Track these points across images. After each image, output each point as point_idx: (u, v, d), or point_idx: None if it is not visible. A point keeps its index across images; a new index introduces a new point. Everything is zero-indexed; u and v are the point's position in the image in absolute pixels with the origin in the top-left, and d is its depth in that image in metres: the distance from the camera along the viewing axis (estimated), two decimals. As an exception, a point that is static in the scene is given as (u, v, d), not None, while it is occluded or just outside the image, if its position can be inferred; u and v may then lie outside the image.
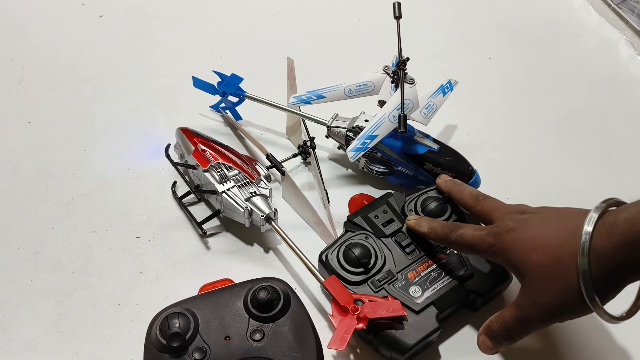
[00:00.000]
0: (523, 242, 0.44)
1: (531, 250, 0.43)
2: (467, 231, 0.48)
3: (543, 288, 0.42)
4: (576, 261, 0.40)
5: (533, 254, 0.43)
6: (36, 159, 0.67)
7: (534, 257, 0.43)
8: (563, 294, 0.41)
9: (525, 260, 0.43)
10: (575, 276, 0.40)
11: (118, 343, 0.52)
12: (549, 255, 0.42)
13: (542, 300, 0.43)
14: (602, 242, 0.39)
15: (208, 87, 0.69)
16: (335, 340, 0.46)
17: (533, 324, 0.44)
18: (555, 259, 0.42)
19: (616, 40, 0.84)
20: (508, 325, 0.45)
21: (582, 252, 0.40)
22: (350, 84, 0.61)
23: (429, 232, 0.51)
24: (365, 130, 0.57)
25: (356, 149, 0.56)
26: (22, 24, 0.84)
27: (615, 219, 0.40)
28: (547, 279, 0.42)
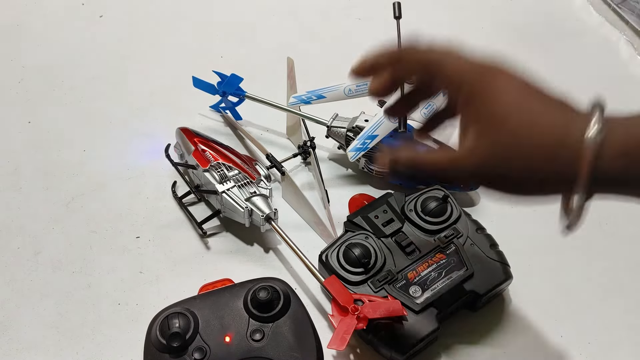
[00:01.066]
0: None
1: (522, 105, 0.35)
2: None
3: (517, 143, 0.35)
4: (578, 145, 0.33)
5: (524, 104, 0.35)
6: (36, 159, 0.67)
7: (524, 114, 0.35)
8: (543, 171, 0.34)
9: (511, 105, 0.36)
10: (567, 166, 0.34)
11: (118, 343, 0.52)
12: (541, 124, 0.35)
13: (497, 155, 0.35)
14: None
15: (208, 87, 0.69)
16: (335, 340, 0.46)
17: (462, 175, 0.38)
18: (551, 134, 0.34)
19: (616, 40, 0.84)
20: (426, 162, 0.38)
21: (593, 154, 0.33)
22: (350, 84, 0.61)
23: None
24: (365, 130, 0.57)
25: (356, 149, 0.56)
26: (22, 24, 0.84)
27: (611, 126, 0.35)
28: (531, 136, 0.35)
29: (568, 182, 0.34)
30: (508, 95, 0.36)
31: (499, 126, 0.35)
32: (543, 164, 0.35)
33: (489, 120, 0.36)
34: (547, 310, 0.55)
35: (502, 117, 0.35)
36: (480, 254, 0.53)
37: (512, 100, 0.36)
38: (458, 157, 0.37)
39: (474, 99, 0.37)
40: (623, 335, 0.54)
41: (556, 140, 0.34)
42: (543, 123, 0.35)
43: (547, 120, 0.35)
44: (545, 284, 0.57)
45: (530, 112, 0.35)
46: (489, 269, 0.52)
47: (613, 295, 0.57)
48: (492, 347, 0.52)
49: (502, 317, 0.54)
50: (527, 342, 0.53)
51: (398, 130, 0.55)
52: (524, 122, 0.35)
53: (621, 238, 0.61)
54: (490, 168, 0.36)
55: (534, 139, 0.35)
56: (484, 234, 0.55)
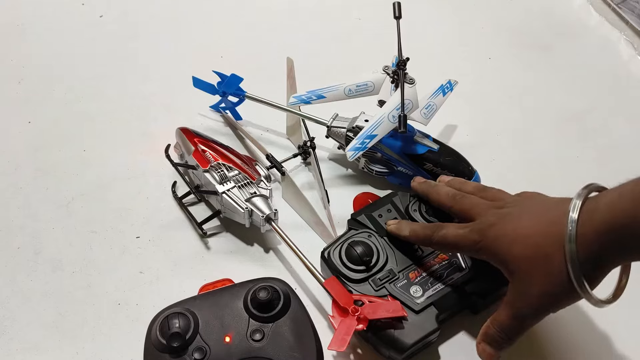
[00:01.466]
0: (505, 235, 0.44)
1: (514, 243, 0.43)
2: (450, 230, 0.48)
3: (529, 280, 0.42)
4: (560, 249, 0.40)
5: (515, 246, 0.43)
6: (36, 159, 0.67)
7: (517, 249, 0.43)
8: (550, 283, 0.41)
9: (509, 253, 0.43)
10: (560, 264, 0.40)
11: (118, 343, 0.52)
12: (532, 245, 0.42)
13: (531, 292, 0.42)
14: (584, 228, 0.40)
15: (208, 87, 0.69)
16: (335, 341, 0.46)
17: (527, 319, 0.44)
18: (539, 249, 0.42)
19: (616, 40, 0.84)
20: (504, 326, 0.45)
21: (569, 239, 0.40)
22: (350, 84, 0.61)
23: (410, 235, 0.51)
24: (365, 129, 0.57)
25: (355, 149, 0.56)
26: (22, 24, 0.84)
27: (596, 205, 0.40)
28: (532, 270, 0.42)
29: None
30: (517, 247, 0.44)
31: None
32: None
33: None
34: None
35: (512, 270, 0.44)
36: None
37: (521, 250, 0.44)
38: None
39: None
40: (623, 335, 0.54)
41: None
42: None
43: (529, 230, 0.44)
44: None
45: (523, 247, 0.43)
46: (492, 271, 0.52)
47: (613, 296, 0.56)
48: (492, 347, 0.52)
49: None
50: (527, 343, 0.53)
51: (398, 130, 0.55)
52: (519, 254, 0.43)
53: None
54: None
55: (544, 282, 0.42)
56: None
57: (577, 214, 0.40)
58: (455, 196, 0.51)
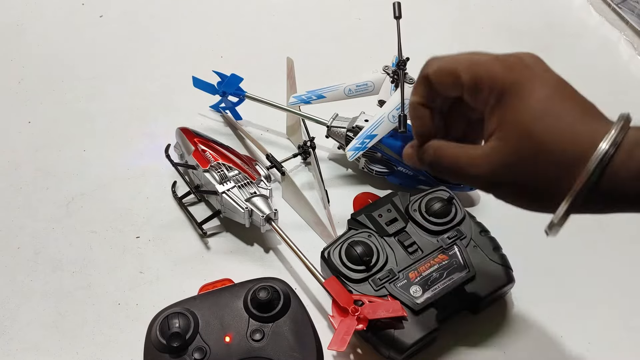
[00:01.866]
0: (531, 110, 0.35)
1: (539, 119, 0.34)
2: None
3: (519, 154, 0.34)
4: (582, 162, 0.33)
5: (540, 123, 0.34)
6: (36, 159, 0.67)
7: (540, 126, 0.34)
8: (544, 177, 0.34)
9: (530, 123, 0.34)
10: (567, 171, 0.33)
11: (118, 343, 0.52)
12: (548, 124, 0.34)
13: (504, 161, 0.35)
14: (617, 165, 0.32)
15: (208, 87, 0.69)
16: (335, 341, 0.46)
17: (463, 173, 0.37)
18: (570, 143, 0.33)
19: (616, 40, 0.84)
20: (433, 158, 0.38)
21: (594, 166, 0.32)
22: (350, 84, 0.61)
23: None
24: (365, 129, 0.57)
25: (355, 149, 0.56)
26: (22, 24, 0.84)
27: (637, 140, 0.33)
28: (538, 154, 0.34)
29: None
30: (537, 100, 0.35)
31: (522, 134, 0.34)
32: (564, 178, 0.33)
33: (515, 125, 0.35)
34: (547, 311, 0.55)
35: (528, 123, 0.34)
36: (483, 256, 0.53)
37: (540, 106, 0.35)
38: (476, 158, 0.36)
39: (501, 100, 0.35)
40: (623, 335, 0.54)
41: (578, 154, 0.33)
42: (569, 134, 0.34)
43: (574, 131, 0.34)
44: (545, 284, 0.57)
45: (558, 120, 0.34)
46: (491, 271, 0.52)
47: (613, 296, 0.57)
48: (492, 348, 0.52)
49: (502, 319, 0.54)
50: (527, 343, 0.53)
51: (398, 130, 0.55)
52: (550, 131, 0.34)
53: (621, 238, 0.61)
54: (506, 175, 0.35)
55: (558, 151, 0.33)
56: (487, 236, 0.54)
57: (614, 149, 0.32)
58: (471, 65, 0.38)
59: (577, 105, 0.35)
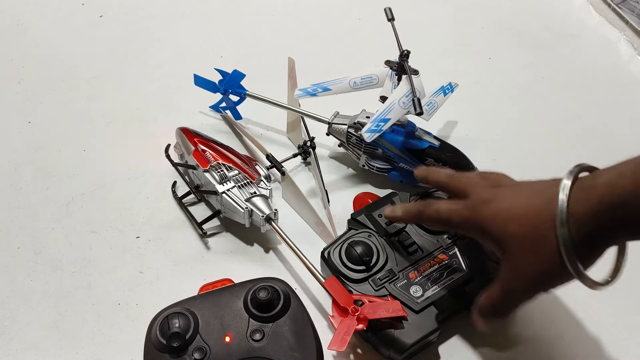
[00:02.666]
0: (499, 213, 0.43)
1: (508, 221, 0.42)
2: (442, 205, 0.47)
3: (523, 258, 0.42)
4: (553, 228, 0.39)
5: (510, 225, 0.42)
6: (36, 159, 0.67)
7: (511, 228, 0.42)
8: (544, 263, 0.41)
9: (503, 232, 0.42)
10: (554, 243, 0.40)
11: (118, 343, 0.52)
12: (526, 225, 0.41)
13: (523, 271, 0.42)
14: (579, 207, 0.39)
15: (209, 85, 0.69)
16: (335, 341, 0.46)
17: (518, 296, 0.43)
18: (533, 228, 0.41)
19: (616, 40, 0.84)
20: (495, 301, 0.44)
21: (560, 220, 0.39)
22: (355, 76, 0.61)
23: (403, 215, 0.51)
24: (378, 114, 0.57)
25: (371, 131, 0.56)
26: (22, 24, 0.84)
27: (593, 183, 0.39)
28: (526, 248, 0.41)
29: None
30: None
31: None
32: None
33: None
34: (547, 311, 0.55)
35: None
36: (483, 256, 0.53)
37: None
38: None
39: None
40: (623, 335, 0.54)
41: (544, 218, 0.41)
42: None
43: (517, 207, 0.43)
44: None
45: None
46: (491, 272, 0.52)
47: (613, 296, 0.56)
48: (492, 348, 0.52)
49: (503, 318, 0.54)
50: (527, 343, 0.53)
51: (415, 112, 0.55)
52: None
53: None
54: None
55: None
56: (486, 235, 0.54)
57: (568, 194, 0.39)
58: (454, 175, 0.50)
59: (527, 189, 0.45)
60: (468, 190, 0.47)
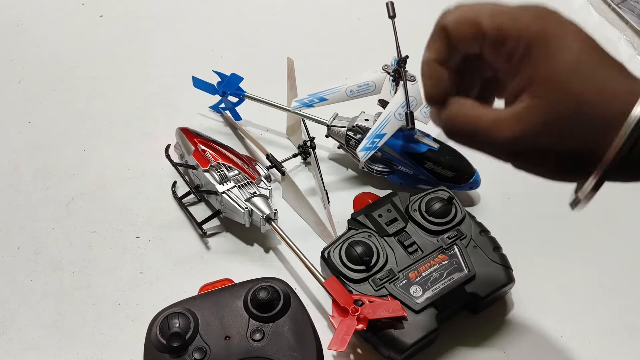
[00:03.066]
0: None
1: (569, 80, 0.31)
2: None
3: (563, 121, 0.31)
4: (615, 125, 0.30)
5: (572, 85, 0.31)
6: (36, 159, 0.67)
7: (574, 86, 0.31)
8: (584, 142, 0.31)
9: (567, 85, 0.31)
10: (601, 139, 0.30)
11: (118, 343, 0.52)
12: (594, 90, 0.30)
13: (552, 125, 0.31)
14: None
15: (208, 87, 0.69)
16: (335, 341, 0.46)
17: (501, 140, 0.34)
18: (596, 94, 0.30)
19: (616, 40, 0.84)
20: (474, 121, 0.35)
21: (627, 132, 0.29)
22: (351, 84, 0.61)
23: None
24: (373, 129, 0.57)
25: (366, 149, 0.56)
26: (22, 24, 0.84)
27: None
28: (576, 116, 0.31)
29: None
30: (571, 52, 0.31)
31: (560, 89, 0.31)
32: (601, 140, 0.31)
33: (548, 80, 0.31)
34: (547, 311, 0.55)
35: (564, 77, 0.31)
36: (483, 256, 0.53)
37: (575, 59, 0.31)
38: (503, 119, 0.33)
39: (531, 54, 0.32)
40: (623, 335, 0.54)
41: (617, 112, 0.30)
42: (608, 90, 0.30)
43: (613, 88, 0.31)
44: (545, 284, 0.57)
45: (595, 75, 0.31)
46: (491, 271, 0.52)
47: (613, 296, 0.56)
48: (492, 348, 0.52)
49: (502, 319, 0.54)
50: (527, 343, 0.53)
51: (406, 128, 0.55)
52: (589, 87, 0.31)
53: (621, 238, 0.61)
54: (538, 137, 0.32)
55: (599, 107, 0.30)
56: (487, 236, 0.54)
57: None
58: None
59: (611, 61, 0.32)
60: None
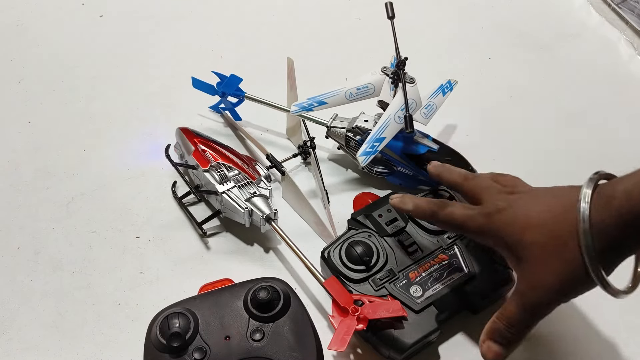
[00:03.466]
0: (516, 221, 0.42)
1: (525, 229, 0.41)
2: (457, 209, 0.46)
3: (542, 268, 0.40)
4: (575, 236, 0.39)
5: (527, 233, 0.41)
6: (36, 159, 0.67)
7: (529, 236, 0.41)
8: (565, 271, 0.40)
9: (520, 240, 0.41)
10: (575, 251, 0.39)
11: (118, 343, 0.52)
12: (545, 233, 0.40)
13: (543, 281, 0.40)
14: (600, 216, 0.38)
15: (207, 88, 0.69)
16: (335, 341, 0.46)
17: (539, 309, 0.41)
18: (552, 236, 0.40)
19: (616, 40, 0.84)
20: (514, 320, 0.42)
21: (583, 229, 0.38)
22: (350, 87, 0.61)
23: (413, 209, 0.49)
24: (373, 133, 0.57)
25: (366, 153, 0.56)
26: (22, 24, 0.84)
27: (612, 192, 0.38)
28: (545, 257, 0.40)
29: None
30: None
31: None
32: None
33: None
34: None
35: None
36: (483, 256, 0.53)
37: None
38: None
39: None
40: (623, 335, 0.54)
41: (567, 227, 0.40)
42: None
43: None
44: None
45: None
46: (491, 271, 0.52)
47: (613, 296, 0.56)
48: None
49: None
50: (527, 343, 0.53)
51: (406, 131, 0.55)
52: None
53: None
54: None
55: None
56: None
57: (589, 202, 0.38)
58: (468, 176, 0.49)
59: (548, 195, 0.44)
60: (483, 195, 0.46)
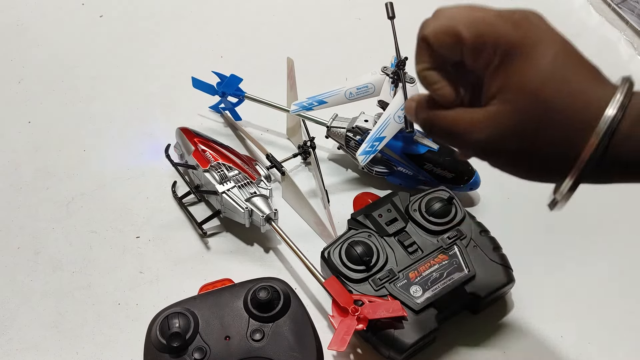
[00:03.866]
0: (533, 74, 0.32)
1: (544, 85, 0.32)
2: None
3: (534, 123, 0.32)
4: (589, 126, 0.31)
5: (543, 91, 0.32)
6: (36, 159, 0.67)
7: (544, 94, 0.32)
8: (554, 148, 0.32)
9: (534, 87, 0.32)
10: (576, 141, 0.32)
11: (118, 343, 0.52)
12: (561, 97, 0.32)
13: (521, 129, 0.33)
14: (629, 127, 0.31)
15: (207, 88, 0.69)
16: (335, 341, 0.46)
17: (477, 141, 0.34)
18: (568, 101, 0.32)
19: (616, 40, 0.84)
20: (445, 121, 0.35)
21: (601, 133, 0.31)
22: (350, 87, 0.61)
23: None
24: (373, 133, 0.57)
25: (365, 152, 0.56)
26: (22, 24, 0.84)
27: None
28: (547, 121, 0.32)
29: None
30: (545, 60, 0.32)
31: (530, 96, 0.32)
32: (571, 145, 0.32)
33: (522, 87, 0.32)
34: (547, 311, 0.55)
35: (536, 85, 0.32)
36: (483, 256, 0.53)
37: (549, 67, 0.32)
38: (477, 121, 0.34)
39: (506, 61, 0.33)
40: (623, 335, 0.54)
41: (587, 118, 0.31)
42: (579, 98, 0.32)
43: (583, 95, 0.32)
44: (545, 285, 0.57)
45: (567, 82, 0.32)
46: (491, 271, 0.52)
47: (613, 296, 0.57)
48: (492, 348, 0.52)
49: (502, 319, 0.54)
50: (527, 343, 0.53)
51: (405, 131, 0.55)
52: (560, 94, 0.32)
53: (621, 238, 0.61)
54: (507, 140, 0.33)
55: (568, 114, 0.32)
56: (487, 236, 0.54)
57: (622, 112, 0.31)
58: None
59: (584, 68, 0.33)
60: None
